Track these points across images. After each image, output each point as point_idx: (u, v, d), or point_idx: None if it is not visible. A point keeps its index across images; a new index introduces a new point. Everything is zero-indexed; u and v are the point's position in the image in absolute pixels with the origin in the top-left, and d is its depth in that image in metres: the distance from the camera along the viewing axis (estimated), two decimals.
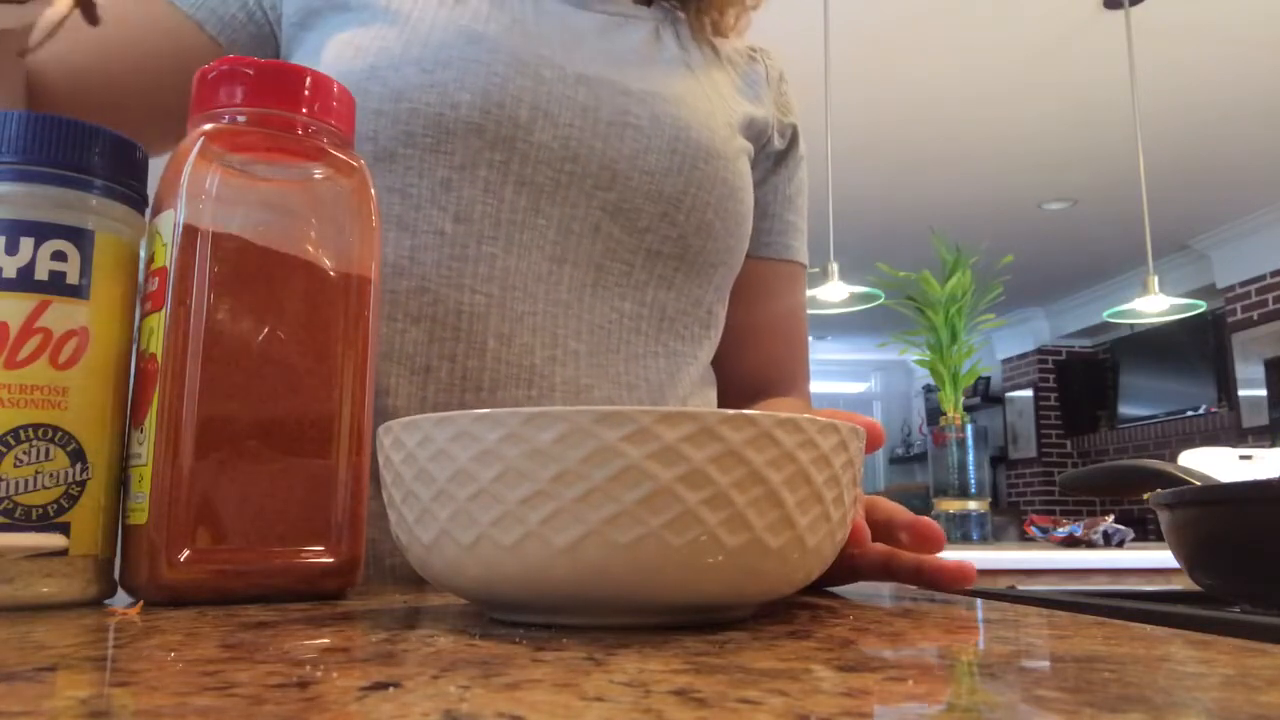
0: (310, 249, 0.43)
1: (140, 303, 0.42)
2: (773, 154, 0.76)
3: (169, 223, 0.40)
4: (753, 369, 0.78)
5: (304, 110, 0.44)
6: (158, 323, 0.40)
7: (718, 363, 0.74)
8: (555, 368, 0.58)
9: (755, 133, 0.72)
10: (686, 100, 0.66)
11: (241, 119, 0.43)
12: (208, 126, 0.42)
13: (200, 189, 0.40)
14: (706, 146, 0.65)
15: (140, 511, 0.38)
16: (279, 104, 0.43)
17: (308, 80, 0.44)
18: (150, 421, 0.39)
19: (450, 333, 0.57)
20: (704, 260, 0.66)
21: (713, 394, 0.72)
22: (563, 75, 0.61)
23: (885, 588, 0.53)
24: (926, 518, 0.45)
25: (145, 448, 0.39)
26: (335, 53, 0.60)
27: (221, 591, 0.39)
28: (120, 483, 0.40)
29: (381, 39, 0.59)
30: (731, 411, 0.28)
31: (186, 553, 0.38)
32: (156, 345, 0.39)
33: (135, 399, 0.40)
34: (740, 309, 0.76)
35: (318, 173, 0.44)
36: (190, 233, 0.40)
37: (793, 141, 0.77)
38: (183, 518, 0.38)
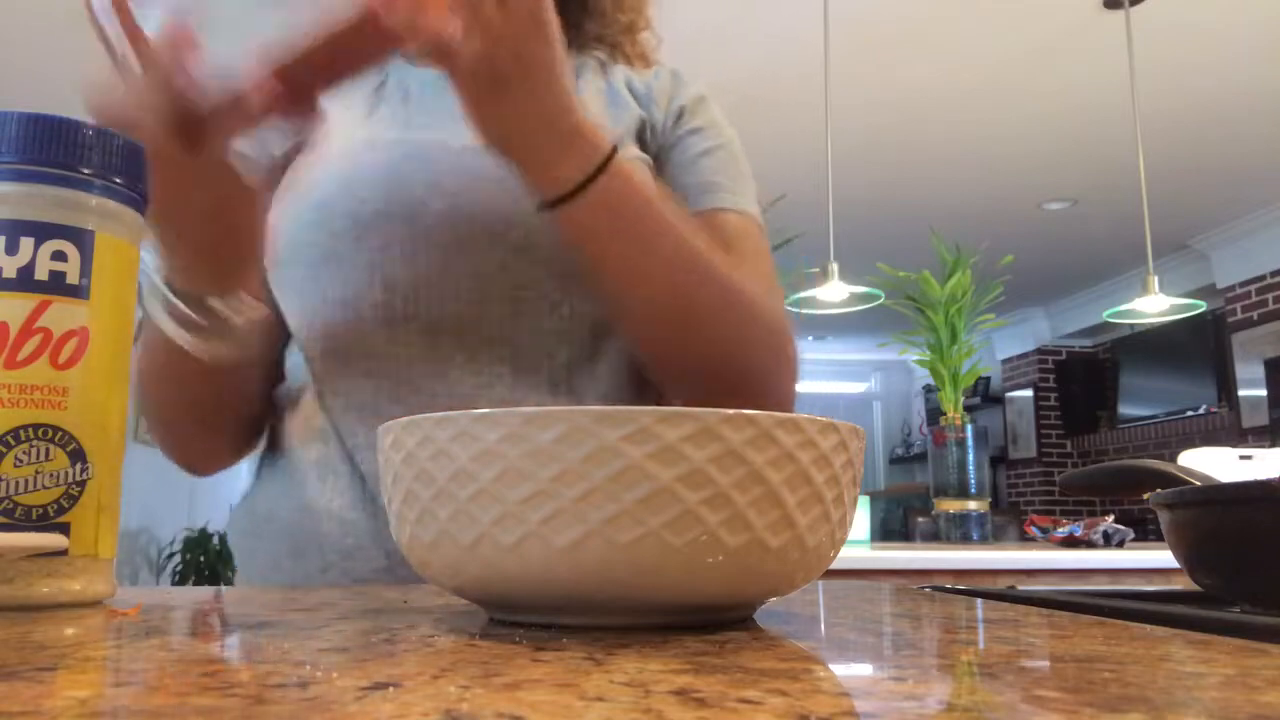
0: None
1: None
2: (671, 141, 0.78)
3: None
4: None
5: None
6: None
7: None
8: (482, 392, 0.68)
9: (642, 134, 0.77)
10: None
11: None
12: None
13: None
14: None
15: None
16: None
17: None
18: None
19: (392, 382, 0.68)
20: None
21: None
22: (449, 150, 0.70)
23: (885, 587, 0.53)
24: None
25: None
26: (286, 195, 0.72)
27: None
28: (120, 483, 0.40)
29: (308, 167, 0.73)
30: (731, 411, 0.28)
31: None
32: None
33: None
34: None
35: None
36: None
37: (678, 119, 0.78)
38: None
